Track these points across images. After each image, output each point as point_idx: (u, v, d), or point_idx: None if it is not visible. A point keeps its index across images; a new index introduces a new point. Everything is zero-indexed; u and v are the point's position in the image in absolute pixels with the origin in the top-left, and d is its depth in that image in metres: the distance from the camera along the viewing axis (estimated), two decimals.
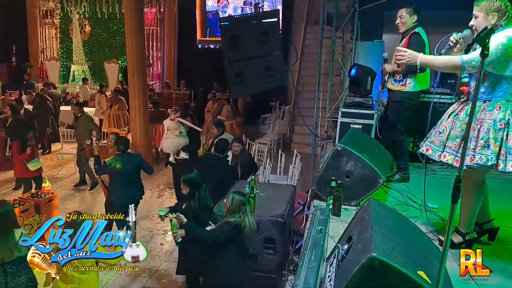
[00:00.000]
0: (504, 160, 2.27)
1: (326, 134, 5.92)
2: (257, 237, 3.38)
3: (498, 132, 2.28)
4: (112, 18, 13.42)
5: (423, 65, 2.54)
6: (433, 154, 2.53)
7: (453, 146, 2.43)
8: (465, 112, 2.45)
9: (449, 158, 2.43)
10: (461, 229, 2.61)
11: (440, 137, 2.53)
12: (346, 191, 3.21)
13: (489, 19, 2.34)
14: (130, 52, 8.13)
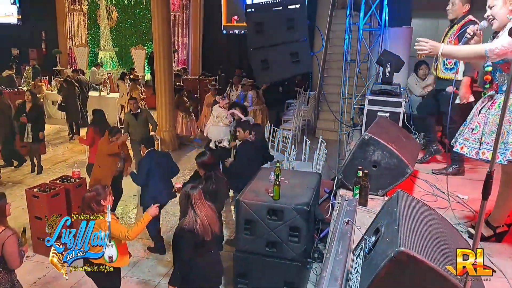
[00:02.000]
0: None
1: (352, 121, 5.85)
2: (282, 225, 3.42)
3: None
4: (139, 4, 13.53)
5: (445, 56, 2.49)
6: (469, 152, 2.46)
7: (490, 142, 2.35)
8: (497, 105, 2.37)
9: (488, 154, 2.35)
10: (493, 222, 2.56)
11: (474, 134, 2.46)
12: (373, 181, 3.18)
13: (508, 6, 2.28)
14: (156, 38, 8.22)
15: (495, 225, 2.55)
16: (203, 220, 2.93)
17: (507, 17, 2.29)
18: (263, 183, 3.76)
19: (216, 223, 3.09)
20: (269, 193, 3.52)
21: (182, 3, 13.40)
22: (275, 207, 3.43)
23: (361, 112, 5.25)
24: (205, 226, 2.93)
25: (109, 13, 13.65)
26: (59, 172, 6.78)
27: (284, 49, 5.37)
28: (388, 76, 4.55)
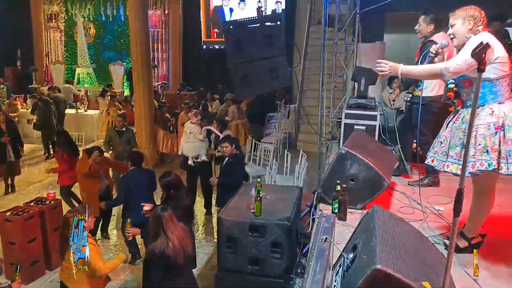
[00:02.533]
0: (506, 163, 2.29)
1: (330, 134, 5.94)
2: (264, 241, 3.42)
3: (495, 136, 2.30)
4: (117, 21, 13.51)
5: (404, 75, 2.56)
6: (438, 165, 2.54)
7: (454, 155, 2.45)
8: (461, 119, 2.48)
9: (452, 167, 2.44)
10: (467, 233, 2.62)
11: (442, 147, 2.55)
12: (352, 195, 3.23)
13: (466, 25, 2.40)
14: (135, 54, 8.21)
15: (469, 237, 2.60)
16: (174, 243, 2.89)
17: (466, 36, 2.41)
18: (245, 199, 3.76)
19: (189, 244, 3.06)
20: (251, 209, 3.52)
21: (161, 19, 13.46)
22: (257, 223, 3.42)
23: (339, 125, 5.35)
24: (177, 249, 2.89)
25: (86, 30, 13.56)
26: (34, 194, 6.62)
27: (263, 65, 5.45)
28: (363, 90, 4.67)
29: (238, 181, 4.70)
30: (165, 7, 13.33)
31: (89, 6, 13.42)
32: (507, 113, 2.33)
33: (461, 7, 2.45)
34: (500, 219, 3.10)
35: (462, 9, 2.44)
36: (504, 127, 2.31)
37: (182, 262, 2.93)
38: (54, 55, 14.08)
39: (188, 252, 2.99)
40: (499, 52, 2.33)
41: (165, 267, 2.91)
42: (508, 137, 2.29)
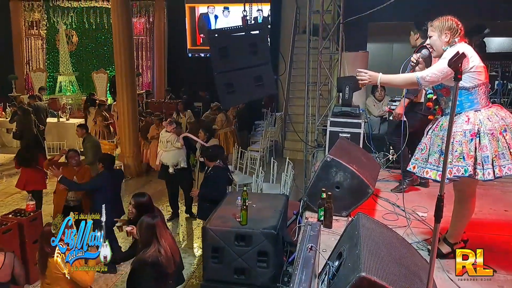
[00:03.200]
0: (482, 169, 2.35)
1: (316, 142, 5.98)
2: (251, 251, 3.39)
3: (470, 143, 2.36)
4: (100, 28, 13.39)
5: (384, 84, 2.60)
6: (419, 171, 2.60)
7: (433, 162, 2.50)
8: (439, 127, 2.53)
9: (431, 173, 2.50)
10: (450, 239, 2.65)
11: (422, 154, 2.61)
12: (337, 202, 3.25)
13: (443, 37, 2.46)
14: (119, 61, 8.13)
15: (452, 242, 2.64)
16: (166, 250, 2.86)
17: (442, 48, 2.48)
18: (230, 208, 3.73)
19: (177, 252, 3.02)
20: (237, 218, 3.50)
21: (146, 27, 13.40)
22: (243, 232, 3.40)
23: (324, 133, 5.39)
24: (168, 257, 2.85)
25: (69, 37, 13.39)
26: (13, 205, 6.44)
27: (248, 73, 5.47)
28: (347, 98, 4.73)
29: (219, 195, 4.66)
30: (150, 15, 13.29)
31: (71, 14, 13.27)
32: (482, 121, 2.39)
33: (439, 18, 2.51)
34: (481, 224, 3.16)
35: (439, 20, 2.49)
36: (480, 134, 2.37)
37: (172, 271, 2.89)
38: (35, 63, 13.84)
39: (177, 261, 2.95)
40: (475, 62, 2.40)
41: (157, 275, 2.86)
42: (483, 143, 2.35)
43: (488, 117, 2.40)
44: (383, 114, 5.35)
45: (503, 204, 3.59)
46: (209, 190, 4.88)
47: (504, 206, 3.56)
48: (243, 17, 5.66)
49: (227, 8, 12.42)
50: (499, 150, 2.36)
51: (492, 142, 2.35)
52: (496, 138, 2.36)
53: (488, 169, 2.34)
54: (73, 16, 13.30)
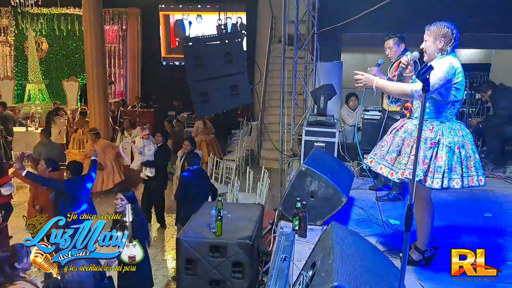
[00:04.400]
0: (432, 177, 2.42)
1: (292, 151, 6.01)
2: (225, 261, 3.35)
3: (428, 150, 2.43)
4: (71, 35, 13.07)
5: (379, 89, 2.61)
6: (375, 166, 2.66)
7: (389, 160, 2.57)
8: (404, 129, 2.60)
9: (384, 170, 2.58)
10: (420, 246, 2.70)
11: (381, 150, 2.67)
12: (312, 211, 3.26)
13: (437, 43, 2.49)
14: (90, 69, 7.96)
15: (422, 249, 2.68)
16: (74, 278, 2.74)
17: (435, 55, 2.52)
18: (205, 218, 3.68)
19: None
20: (211, 229, 3.45)
21: (119, 34, 13.19)
22: (218, 243, 3.36)
23: (299, 142, 5.43)
24: None
25: (38, 45, 12.99)
26: None
27: (223, 82, 5.45)
28: (322, 108, 4.79)
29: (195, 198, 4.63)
30: (123, 23, 13.10)
31: (41, 20, 12.90)
32: (444, 133, 2.47)
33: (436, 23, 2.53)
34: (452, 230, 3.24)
35: (436, 25, 2.52)
36: (438, 144, 2.44)
37: None
38: (3, 71, 13.34)
39: None
40: (460, 77, 2.46)
41: None
42: (439, 154, 2.43)
43: (450, 131, 2.48)
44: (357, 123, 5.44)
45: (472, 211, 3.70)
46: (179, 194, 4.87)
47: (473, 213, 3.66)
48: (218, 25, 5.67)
49: (200, 16, 12.45)
50: (452, 163, 2.44)
51: (447, 155, 2.43)
52: (452, 151, 2.45)
53: (437, 178, 2.41)
54: (43, 23, 12.94)
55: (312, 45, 5.81)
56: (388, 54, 3.84)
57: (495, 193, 4.09)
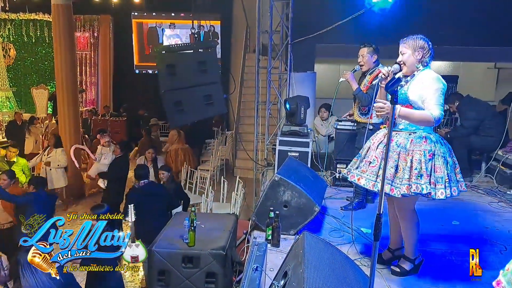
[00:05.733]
0: (434, 189, 2.44)
1: (266, 161, 6.02)
2: (198, 272, 3.29)
3: (428, 163, 2.46)
4: (41, 42, 12.70)
5: (402, 118, 2.56)
6: (367, 184, 2.60)
7: (388, 176, 2.49)
8: (394, 142, 2.57)
9: (385, 187, 2.47)
10: (409, 255, 2.72)
11: (371, 167, 2.61)
12: (285, 221, 3.26)
13: (416, 55, 2.55)
14: (60, 77, 7.77)
15: (412, 258, 2.71)
16: None
17: (415, 66, 2.57)
18: (178, 229, 3.62)
19: None
20: (184, 240, 3.40)
21: (90, 42, 12.94)
22: (191, 254, 3.31)
23: (274, 152, 5.45)
24: None
25: (5, 51, 12.54)
26: None
27: (197, 92, 5.42)
28: (303, 118, 4.82)
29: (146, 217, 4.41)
30: (95, 30, 12.87)
31: (9, 26, 12.48)
32: (436, 143, 2.51)
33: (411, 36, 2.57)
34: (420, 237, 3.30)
35: (412, 38, 2.57)
36: (435, 155, 2.48)
37: None
38: None
39: None
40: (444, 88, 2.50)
41: None
42: (437, 165, 2.47)
43: (439, 141, 2.54)
44: (330, 133, 5.53)
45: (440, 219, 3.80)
46: None
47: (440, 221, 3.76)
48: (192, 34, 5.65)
49: (174, 25, 12.42)
50: (448, 172, 2.49)
51: (444, 165, 2.47)
52: (446, 160, 2.50)
53: (440, 189, 2.44)
54: (11, 29, 12.52)
55: (286, 55, 5.88)
56: (360, 62, 3.87)
57: (463, 201, 4.22)
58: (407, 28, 3.26)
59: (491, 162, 5.00)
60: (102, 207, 3.77)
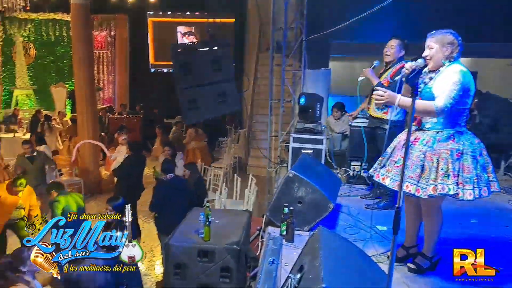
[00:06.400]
0: (463, 189, 2.38)
1: (279, 158, 6.04)
2: (213, 266, 3.34)
3: (455, 162, 2.39)
4: (59, 41, 12.97)
5: (401, 107, 2.53)
6: (391, 184, 2.56)
7: (414, 176, 2.45)
8: (420, 141, 2.51)
9: (411, 188, 2.45)
10: (427, 253, 2.68)
11: (396, 166, 2.56)
12: (299, 217, 3.27)
13: (443, 50, 2.47)
14: (78, 75, 7.88)
15: (430, 256, 2.66)
16: None
17: (442, 62, 2.49)
18: (193, 224, 3.68)
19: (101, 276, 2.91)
20: (200, 234, 3.45)
21: (107, 41, 13.15)
22: (206, 248, 3.36)
23: (287, 149, 5.46)
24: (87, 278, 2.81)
25: (26, 50, 12.85)
26: None
27: (212, 89, 5.47)
28: (318, 115, 4.82)
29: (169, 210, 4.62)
30: (111, 29, 13.06)
31: (29, 26, 12.78)
32: (465, 142, 2.44)
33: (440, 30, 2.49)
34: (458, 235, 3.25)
35: (441, 33, 2.49)
36: (463, 155, 2.41)
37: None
38: None
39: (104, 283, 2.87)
40: (471, 84, 2.44)
41: None
42: (465, 165, 2.40)
43: (469, 139, 2.47)
44: (344, 131, 5.51)
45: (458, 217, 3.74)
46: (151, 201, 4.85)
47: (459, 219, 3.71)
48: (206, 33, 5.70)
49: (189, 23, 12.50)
50: (478, 172, 2.42)
51: (473, 164, 2.41)
52: (476, 160, 2.43)
53: (468, 189, 2.38)
54: (31, 28, 12.81)
55: (300, 52, 5.87)
56: (386, 52, 3.78)
57: (481, 200, 4.14)
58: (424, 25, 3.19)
59: (511, 160, 4.90)
60: (117, 199, 3.86)
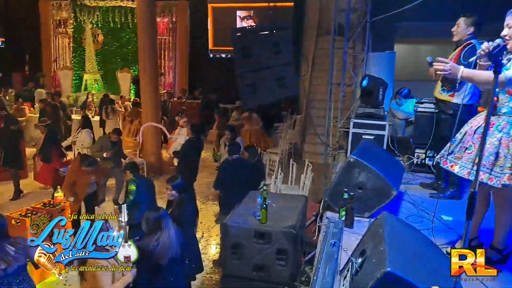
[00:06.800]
0: None
1: (337, 144, 5.92)
2: (269, 248, 3.39)
3: None
4: (125, 28, 13.65)
5: (465, 79, 2.35)
6: (461, 171, 2.42)
7: (487, 164, 2.30)
8: (495, 127, 2.34)
9: (484, 176, 2.29)
10: (497, 245, 2.52)
11: (467, 153, 2.42)
12: (359, 203, 3.20)
13: None
14: (142, 61, 8.23)
15: (500, 248, 2.51)
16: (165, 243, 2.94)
17: None
18: (251, 206, 3.74)
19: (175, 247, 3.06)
20: (257, 217, 3.50)
21: (169, 27, 13.58)
22: (263, 230, 3.40)
23: (346, 135, 5.33)
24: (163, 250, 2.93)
25: (94, 36, 13.70)
26: (42, 197, 6.60)
27: (271, 74, 5.48)
28: (380, 100, 4.64)
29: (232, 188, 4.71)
30: (173, 15, 13.46)
31: (97, 13, 13.58)
32: None
33: None
34: None
35: None
36: None
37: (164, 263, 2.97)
38: (62, 61, 14.22)
39: (173, 256, 3.01)
40: None
41: (150, 266, 2.94)
42: None
43: None
44: (408, 117, 5.25)
45: None
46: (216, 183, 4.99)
47: None
48: (266, 16, 5.69)
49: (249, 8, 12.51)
50: None
51: None
52: None
53: None
54: (99, 15, 13.60)
55: (363, 35, 5.64)
56: (453, 31, 3.53)
57: None
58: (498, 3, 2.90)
59: None
60: (176, 179, 4.01)
